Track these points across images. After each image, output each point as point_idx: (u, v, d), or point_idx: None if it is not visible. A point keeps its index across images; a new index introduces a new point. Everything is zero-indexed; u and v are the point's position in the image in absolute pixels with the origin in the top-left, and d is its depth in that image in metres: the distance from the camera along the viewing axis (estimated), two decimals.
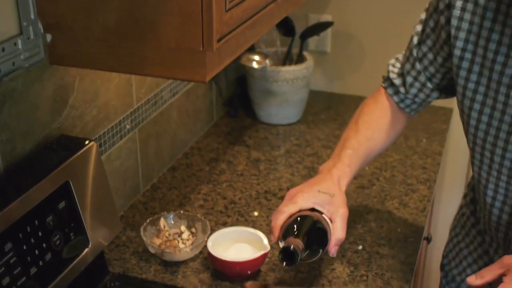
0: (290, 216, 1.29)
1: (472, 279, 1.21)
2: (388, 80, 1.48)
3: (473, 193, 1.52)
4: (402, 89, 1.44)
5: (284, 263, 1.22)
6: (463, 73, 1.27)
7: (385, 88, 1.49)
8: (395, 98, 1.47)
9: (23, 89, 1.30)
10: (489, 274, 1.20)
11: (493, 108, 1.26)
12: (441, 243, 2.61)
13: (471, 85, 1.27)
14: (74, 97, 1.46)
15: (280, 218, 1.28)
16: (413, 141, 2.16)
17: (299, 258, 1.21)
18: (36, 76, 1.33)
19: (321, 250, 1.28)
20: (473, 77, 1.26)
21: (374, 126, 1.47)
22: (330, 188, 1.32)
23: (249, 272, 1.48)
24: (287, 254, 1.22)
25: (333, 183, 1.34)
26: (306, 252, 1.24)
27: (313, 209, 1.30)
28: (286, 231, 1.26)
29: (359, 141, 1.42)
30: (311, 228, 1.26)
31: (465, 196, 1.59)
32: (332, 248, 1.29)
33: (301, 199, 1.30)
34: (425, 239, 2.09)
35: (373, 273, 1.53)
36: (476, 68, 1.25)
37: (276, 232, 1.27)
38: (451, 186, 2.46)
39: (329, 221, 1.29)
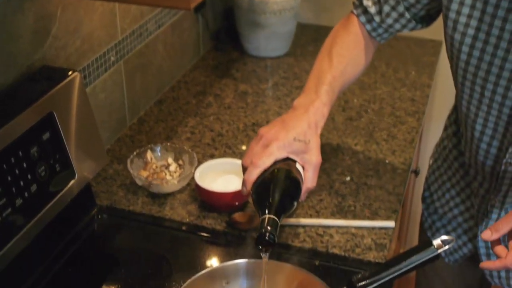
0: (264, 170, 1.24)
1: (487, 235, 1.16)
2: (361, 7, 1.43)
3: (456, 126, 1.50)
4: (377, 18, 1.40)
5: (264, 249, 1.15)
6: (454, 6, 1.24)
7: (357, 15, 1.44)
8: (368, 27, 1.42)
9: (3, 19, 1.27)
10: (505, 226, 1.16)
11: (485, 43, 1.23)
12: None
13: (463, 19, 1.24)
14: (57, 27, 1.42)
15: (255, 172, 1.23)
16: (402, 73, 2.14)
17: (276, 239, 1.13)
18: (17, 6, 1.29)
19: (295, 203, 1.23)
20: (465, 10, 1.23)
21: (347, 58, 1.42)
22: (306, 134, 1.27)
23: (236, 203, 1.48)
24: (264, 241, 1.13)
25: (309, 126, 1.29)
26: (282, 217, 1.18)
27: (287, 158, 1.27)
28: (259, 191, 1.21)
29: (334, 76, 1.37)
30: (284, 183, 1.22)
31: (446, 128, 1.57)
32: (303, 196, 1.26)
33: (276, 150, 1.24)
34: (413, 172, 2.09)
35: (361, 204, 1.53)
36: (468, 0, 1.22)
37: (249, 186, 1.23)
38: (440, 119, 2.45)
39: (301, 170, 1.25)
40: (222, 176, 1.53)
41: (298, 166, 1.25)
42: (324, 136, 1.78)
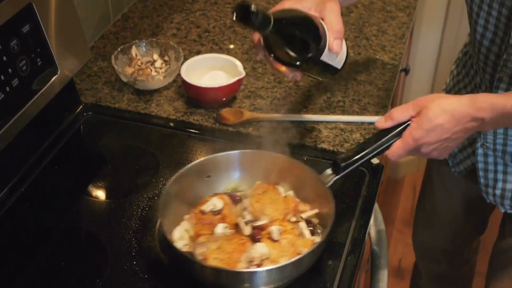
0: None
1: (380, 123, 1.16)
2: None
3: None
4: None
5: (239, 19, 1.00)
6: None
7: None
8: None
9: None
10: (400, 115, 1.14)
11: None
12: (419, 75, 2.61)
13: None
14: None
15: None
16: None
17: (257, 19, 0.99)
18: None
19: (313, 52, 1.12)
20: None
21: None
22: None
23: (224, 98, 1.46)
24: (245, 12, 1.00)
25: None
26: (298, 58, 1.11)
27: None
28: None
29: None
30: (299, 24, 1.09)
31: (470, 34, 1.52)
32: (334, 43, 1.15)
33: (287, 4, 1.16)
34: (403, 70, 2.06)
35: (350, 99, 1.51)
36: None
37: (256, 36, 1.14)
38: (431, 17, 2.41)
39: (321, 21, 1.15)
40: (209, 72, 1.50)
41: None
42: None
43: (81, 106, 1.49)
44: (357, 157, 1.16)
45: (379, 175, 1.33)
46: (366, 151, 1.16)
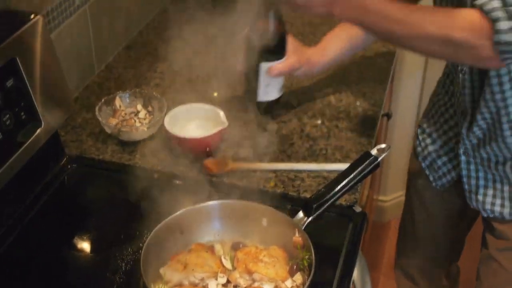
0: None
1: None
2: None
3: None
4: None
5: None
6: None
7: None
8: None
9: None
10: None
11: None
12: (402, 120, 2.64)
13: None
14: None
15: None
16: None
17: None
18: None
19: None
20: None
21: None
22: None
23: (207, 149, 1.47)
24: None
25: None
26: None
27: None
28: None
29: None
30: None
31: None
32: (275, 68, 1.26)
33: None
34: (385, 115, 2.09)
35: (332, 147, 1.53)
36: None
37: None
38: (412, 61, 2.44)
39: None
40: (192, 122, 1.51)
41: None
42: (294, 79, 1.76)
43: (65, 158, 1.50)
44: (328, 196, 1.19)
45: (363, 223, 1.34)
46: (335, 190, 1.20)
